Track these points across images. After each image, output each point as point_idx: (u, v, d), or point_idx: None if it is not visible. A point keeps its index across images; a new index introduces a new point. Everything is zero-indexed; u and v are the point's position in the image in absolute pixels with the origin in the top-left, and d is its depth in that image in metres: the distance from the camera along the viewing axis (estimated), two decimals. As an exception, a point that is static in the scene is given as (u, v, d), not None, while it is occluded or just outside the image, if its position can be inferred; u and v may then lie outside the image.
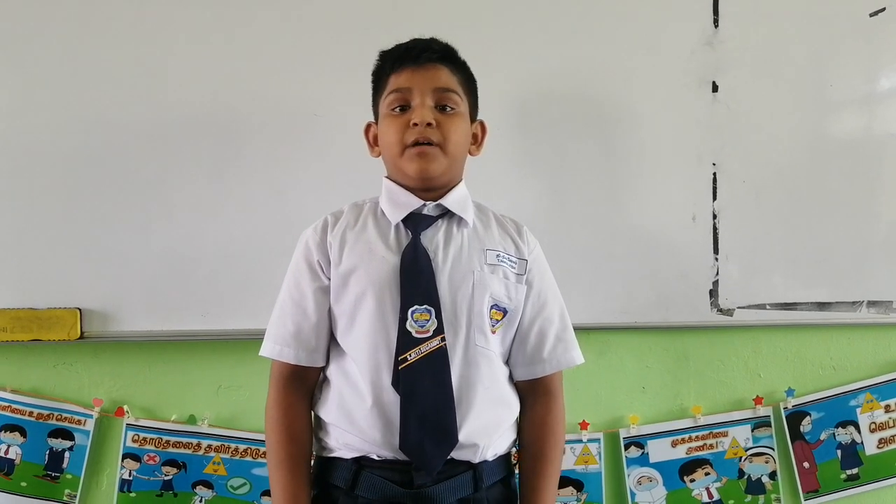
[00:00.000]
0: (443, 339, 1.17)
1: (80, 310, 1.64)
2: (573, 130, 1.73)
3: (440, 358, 1.16)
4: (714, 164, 1.75)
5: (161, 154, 1.66)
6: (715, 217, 1.75)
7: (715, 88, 1.75)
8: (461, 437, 1.16)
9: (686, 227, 1.74)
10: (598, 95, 1.74)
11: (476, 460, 1.19)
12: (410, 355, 1.16)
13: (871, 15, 1.77)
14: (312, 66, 1.68)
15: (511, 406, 1.26)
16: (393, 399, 1.16)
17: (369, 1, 1.69)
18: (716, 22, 1.74)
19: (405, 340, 1.16)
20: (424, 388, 1.15)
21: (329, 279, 1.22)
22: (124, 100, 1.65)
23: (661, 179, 1.74)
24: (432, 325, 1.17)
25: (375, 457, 1.18)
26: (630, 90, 1.74)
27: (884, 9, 1.76)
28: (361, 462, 1.18)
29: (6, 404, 1.69)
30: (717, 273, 1.75)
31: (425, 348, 1.16)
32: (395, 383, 1.16)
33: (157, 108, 1.66)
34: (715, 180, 1.75)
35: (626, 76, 1.73)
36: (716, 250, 1.75)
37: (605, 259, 1.72)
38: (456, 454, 1.17)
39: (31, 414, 1.70)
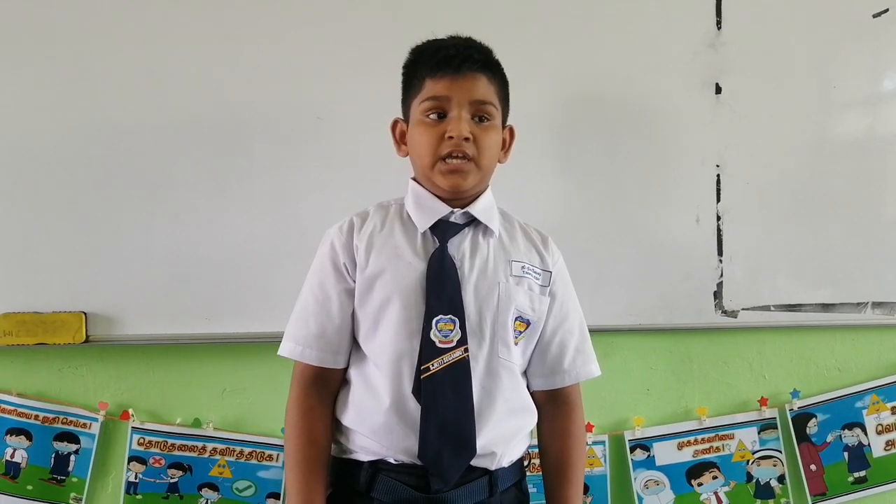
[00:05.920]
0: (466, 350, 1.16)
1: (85, 313, 1.64)
2: (575, 133, 1.73)
3: (462, 369, 1.16)
4: (718, 166, 1.75)
5: (165, 158, 1.66)
6: (719, 219, 1.75)
7: (718, 90, 1.75)
8: (479, 446, 1.16)
9: (690, 228, 1.74)
10: (601, 98, 1.74)
11: (493, 467, 1.19)
12: (433, 365, 1.15)
13: (874, 16, 1.77)
14: (315, 70, 1.68)
15: (530, 414, 1.26)
16: (413, 406, 1.15)
17: (372, 5, 1.69)
18: (718, 24, 1.75)
19: (428, 350, 1.15)
20: (445, 398, 1.14)
21: (354, 281, 1.21)
22: (128, 104, 1.66)
23: (665, 181, 1.74)
24: (456, 336, 1.16)
25: (392, 460, 1.17)
26: (633, 92, 1.74)
27: (887, 10, 1.76)
28: (378, 465, 1.18)
29: (12, 408, 1.70)
30: (722, 275, 1.74)
31: (448, 358, 1.15)
32: (416, 392, 1.15)
33: (161, 112, 1.66)
34: (719, 182, 1.75)
35: (629, 78, 1.73)
36: (720, 252, 1.75)
37: (609, 261, 1.72)
38: (474, 461, 1.17)
39: (36, 417, 1.70)
